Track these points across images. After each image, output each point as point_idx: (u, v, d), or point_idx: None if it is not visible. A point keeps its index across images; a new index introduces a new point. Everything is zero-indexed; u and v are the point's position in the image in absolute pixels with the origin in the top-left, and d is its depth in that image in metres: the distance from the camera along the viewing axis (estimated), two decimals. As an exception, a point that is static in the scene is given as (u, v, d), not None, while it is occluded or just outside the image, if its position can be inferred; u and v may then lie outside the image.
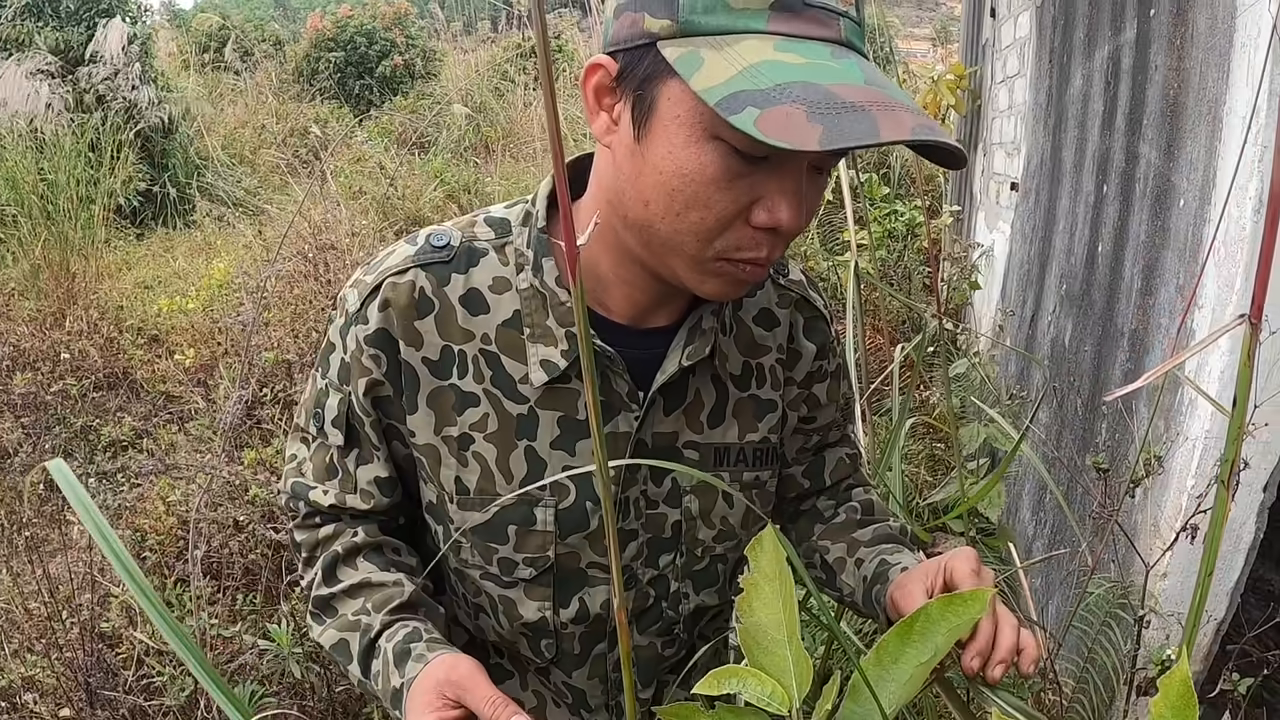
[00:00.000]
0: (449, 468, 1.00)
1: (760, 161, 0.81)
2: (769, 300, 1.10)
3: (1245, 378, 0.66)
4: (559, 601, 1.05)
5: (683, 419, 1.04)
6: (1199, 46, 1.95)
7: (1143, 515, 2.06)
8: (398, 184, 6.95)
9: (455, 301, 0.97)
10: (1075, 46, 2.94)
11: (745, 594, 0.82)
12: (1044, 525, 2.77)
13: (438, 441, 0.99)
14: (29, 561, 2.91)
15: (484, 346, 0.97)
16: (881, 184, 4.76)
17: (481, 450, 0.99)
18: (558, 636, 1.08)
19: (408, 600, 0.99)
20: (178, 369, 4.78)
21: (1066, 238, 2.88)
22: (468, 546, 1.03)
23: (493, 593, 1.05)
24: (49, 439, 4.42)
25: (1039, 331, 3.11)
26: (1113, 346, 2.34)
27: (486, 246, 0.99)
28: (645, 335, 1.00)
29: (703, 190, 0.82)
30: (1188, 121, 1.99)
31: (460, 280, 0.97)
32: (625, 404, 0.99)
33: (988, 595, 0.77)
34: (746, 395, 1.08)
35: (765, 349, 1.09)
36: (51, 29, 9.54)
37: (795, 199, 0.83)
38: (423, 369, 0.97)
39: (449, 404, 0.98)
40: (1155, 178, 2.15)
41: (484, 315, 0.97)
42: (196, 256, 6.99)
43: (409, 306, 0.96)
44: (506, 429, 0.98)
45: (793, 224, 0.83)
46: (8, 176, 6.54)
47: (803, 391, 1.14)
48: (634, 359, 0.99)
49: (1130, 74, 2.39)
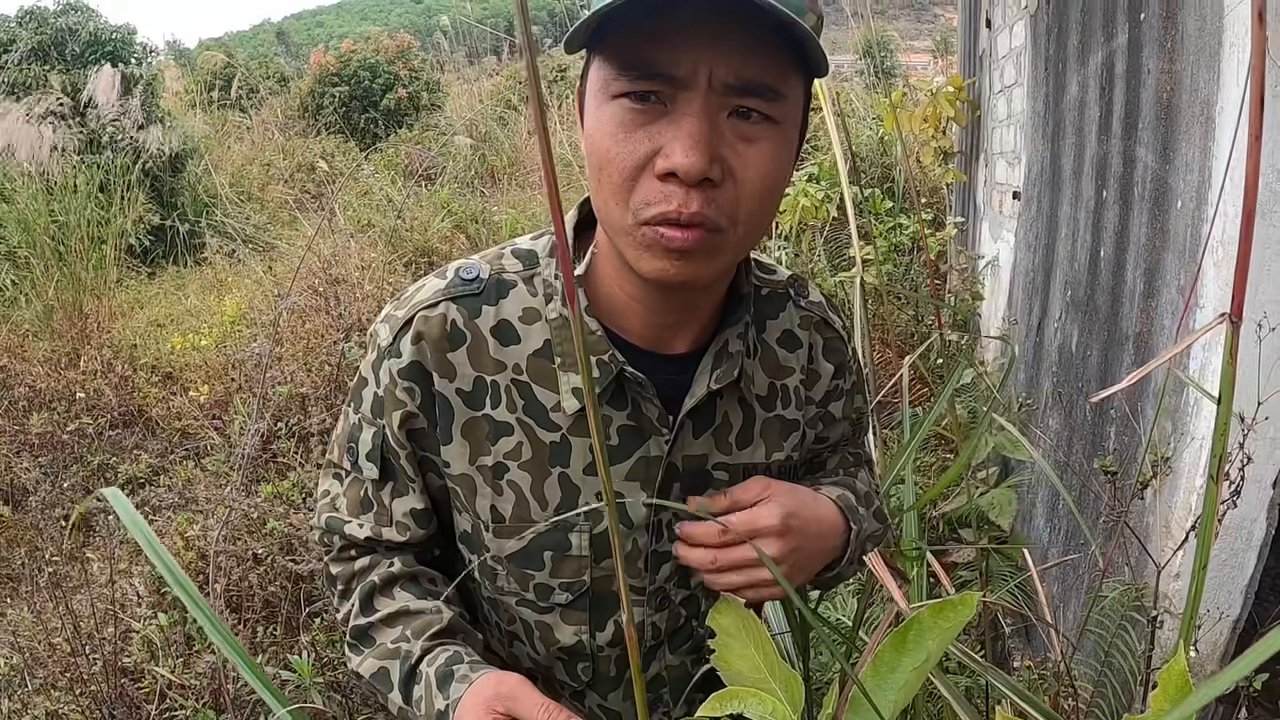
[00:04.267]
0: (484, 497, 1.01)
1: (657, 109, 0.84)
2: (791, 322, 1.12)
3: (1228, 375, 0.68)
4: (595, 624, 1.07)
5: (712, 441, 1.05)
6: (1189, 49, 1.97)
7: (1154, 516, 2.06)
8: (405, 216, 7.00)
9: (486, 333, 0.99)
10: (1069, 54, 2.96)
11: (718, 653, 0.88)
12: (1058, 531, 2.77)
13: (473, 471, 1.01)
14: (51, 598, 2.93)
15: (516, 376, 0.99)
16: (885, 198, 4.78)
17: (516, 478, 1.00)
18: (594, 659, 1.09)
19: (446, 626, 1.00)
20: (192, 405, 4.82)
21: (1069, 244, 2.89)
22: (504, 573, 1.04)
23: (529, 619, 1.07)
24: (67, 478, 4.46)
25: (1046, 338, 3.12)
26: (1118, 350, 2.35)
27: (515, 278, 1.01)
28: (669, 361, 1.02)
29: (609, 147, 0.85)
30: (1181, 123, 2.01)
31: (490, 312, 0.99)
32: (656, 428, 1.01)
33: (975, 600, 0.79)
34: (773, 415, 1.10)
35: (789, 370, 1.11)
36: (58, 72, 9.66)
37: (688, 140, 0.82)
38: (456, 400, 0.99)
39: (483, 434, 0.99)
40: (1153, 181, 2.17)
41: (515, 346, 0.99)
42: (208, 294, 7.05)
43: (441, 339, 0.98)
44: (540, 457, 1.00)
45: (685, 165, 0.82)
46: (19, 219, 6.62)
47: (820, 410, 1.16)
48: (662, 384, 1.00)
49: (1124, 78, 2.41)
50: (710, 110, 0.83)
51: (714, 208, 0.85)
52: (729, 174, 0.85)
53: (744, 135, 0.85)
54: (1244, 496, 1.77)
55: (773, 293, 1.12)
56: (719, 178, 0.84)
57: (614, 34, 0.83)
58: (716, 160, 0.83)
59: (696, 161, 0.81)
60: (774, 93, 0.84)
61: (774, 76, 0.84)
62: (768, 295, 1.11)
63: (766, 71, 0.83)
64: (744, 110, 0.84)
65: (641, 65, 0.83)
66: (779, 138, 0.87)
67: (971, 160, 4.78)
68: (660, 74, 0.82)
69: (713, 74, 0.82)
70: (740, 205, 0.86)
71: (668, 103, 0.83)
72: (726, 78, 0.82)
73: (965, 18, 4.98)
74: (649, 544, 1.04)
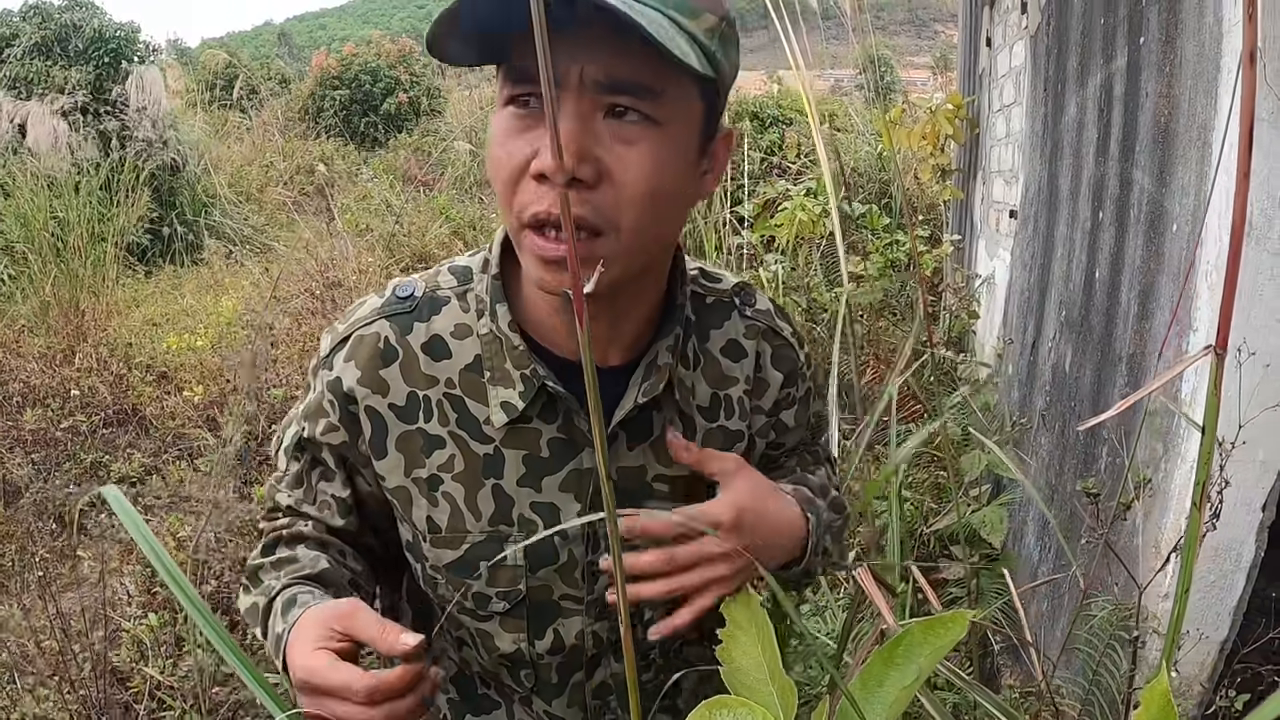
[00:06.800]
0: (420, 508, 1.03)
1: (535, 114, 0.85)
2: (736, 332, 1.11)
3: (1213, 405, 0.69)
4: (534, 633, 1.08)
5: (649, 453, 1.06)
6: (1187, 73, 1.98)
7: (1143, 537, 2.07)
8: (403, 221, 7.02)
9: (418, 349, 1.01)
10: (1069, 75, 2.98)
11: (725, 644, 0.86)
12: (1049, 550, 2.78)
13: (408, 483, 1.03)
14: (41, 597, 2.93)
15: (448, 390, 1.01)
16: (883, 214, 4.80)
17: (450, 490, 1.02)
18: (535, 667, 1.11)
19: (316, 573, 1.00)
20: (187, 406, 4.82)
21: (1065, 264, 2.90)
22: (443, 582, 1.06)
23: (470, 626, 1.09)
24: (59, 475, 4.45)
25: (1040, 358, 3.13)
26: (1111, 371, 2.36)
27: (449, 294, 1.03)
28: (602, 374, 1.01)
29: (495, 152, 0.87)
30: (1179, 147, 2.02)
31: (422, 328, 1.01)
32: (588, 440, 1.01)
33: (966, 619, 0.79)
34: (715, 426, 1.10)
35: (733, 380, 1.11)
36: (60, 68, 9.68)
37: None
38: (390, 415, 1.01)
39: (417, 447, 1.02)
40: (1149, 203, 2.18)
41: (446, 360, 1.01)
42: (204, 294, 7.05)
43: (374, 356, 1.00)
44: (473, 469, 1.02)
45: (551, 165, 0.81)
46: (18, 214, 6.62)
47: (771, 419, 1.16)
48: None
49: (1122, 101, 2.42)
50: (582, 110, 0.83)
51: (588, 209, 0.84)
52: (606, 176, 0.84)
53: (622, 136, 0.85)
54: (1233, 519, 1.78)
55: (717, 301, 1.12)
56: (591, 178, 0.84)
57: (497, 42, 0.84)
58: (589, 160, 0.83)
59: (567, 164, 0.81)
60: (649, 91, 0.84)
61: (649, 76, 0.83)
62: (711, 304, 1.12)
63: (641, 70, 0.83)
64: (619, 109, 0.84)
65: (518, 69, 0.85)
66: (662, 139, 0.86)
67: (969, 178, 4.80)
68: (534, 76, 0.83)
69: (584, 73, 0.82)
70: (621, 209, 0.85)
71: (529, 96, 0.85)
72: (598, 76, 0.82)
73: (965, 36, 5.01)
74: (585, 555, 1.05)
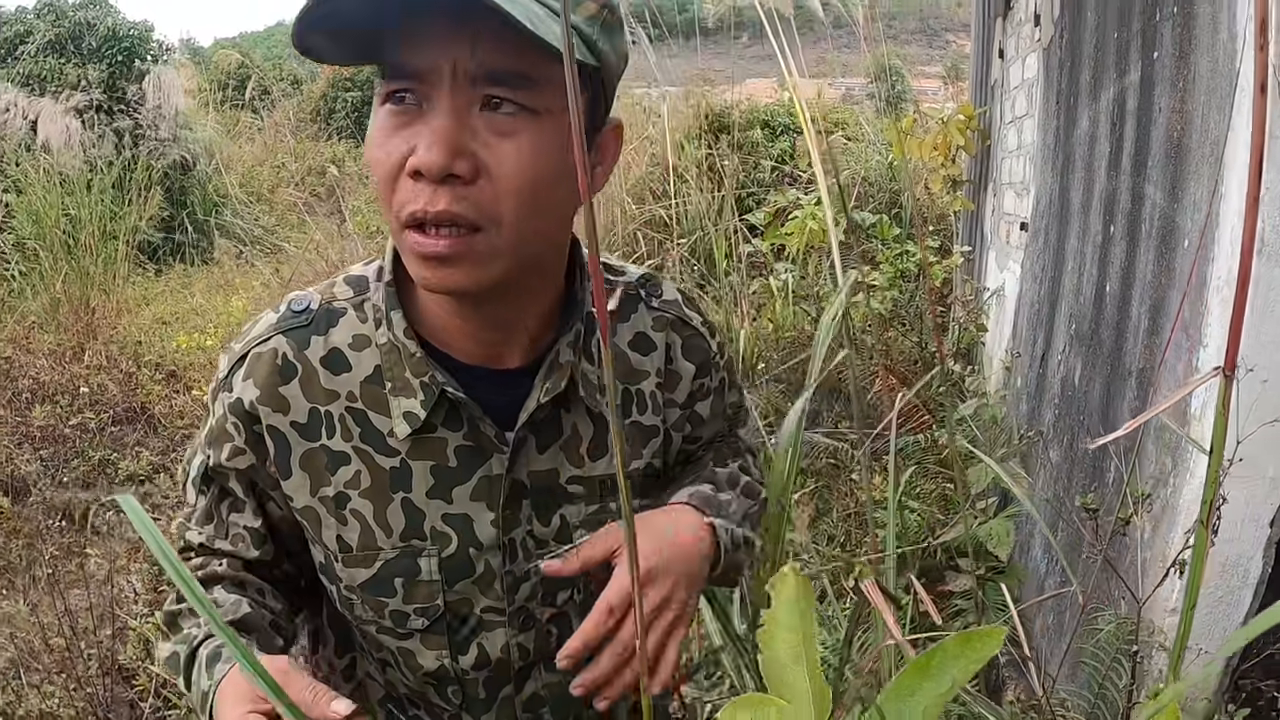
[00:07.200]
0: (329, 528, 1.00)
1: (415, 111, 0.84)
2: (644, 324, 1.09)
3: (1220, 426, 0.69)
4: (456, 649, 1.04)
5: (561, 455, 1.03)
6: (1201, 89, 1.99)
7: (1151, 552, 2.07)
8: (414, 222, 7.01)
9: (316, 363, 0.98)
10: (1081, 88, 2.98)
11: (765, 627, 0.82)
12: (1055, 563, 2.78)
13: (315, 503, 0.99)
14: (48, 594, 2.94)
15: (350, 404, 0.98)
16: (893, 225, 4.80)
17: (359, 507, 0.99)
18: (461, 683, 1.07)
19: (237, 619, 0.95)
20: (195, 405, 4.83)
21: (1075, 277, 2.90)
22: (359, 602, 1.02)
23: (391, 645, 1.05)
24: (67, 472, 4.47)
25: (1049, 371, 3.13)
26: (1121, 385, 2.36)
27: (345, 306, 1.00)
28: (503, 376, 1.00)
29: (374, 152, 0.86)
30: (1191, 163, 2.02)
31: (320, 342, 0.98)
32: (496, 446, 0.99)
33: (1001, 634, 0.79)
34: (628, 423, 1.08)
35: (644, 374, 1.08)
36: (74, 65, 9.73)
37: (430, 136, 0.81)
38: (292, 433, 0.97)
39: (322, 464, 0.98)
40: (1160, 219, 2.18)
41: (346, 374, 0.98)
42: (214, 294, 7.08)
43: (272, 374, 0.97)
44: (380, 483, 0.98)
45: (426, 161, 0.81)
46: (30, 211, 6.64)
47: (685, 411, 1.13)
48: (500, 401, 0.99)
49: (1135, 116, 2.43)
50: (457, 105, 0.82)
51: (466, 205, 0.83)
52: (483, 170, 0.83)
53: (498, 129, 0.83)
54: (1241, 535, 1.78)
55: (622, 294, 1.09)
56: (467, 174, 0.82)
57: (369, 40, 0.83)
58: (464, 156, 0.82)
59: (436, 157, 0.80)
60: (525, 80, 0.82)
61: (525, 65, 0.81)
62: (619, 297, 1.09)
63: (517, 59, 0.81)
64: (495, 101, 0.83)
65: (392, 66, 0.83)
66: (541, 129, 0.84)
67: (980, 189, 4.80)
68: (408, 72, 0.82)
69: (456, 66, 0.81)
70: (499, 203, 0.84)
71: (423, 103, 0.83)
72: (470, 68, 0.81)
73: (978, 47, 5.01)
74: (503, 565, 1.02)
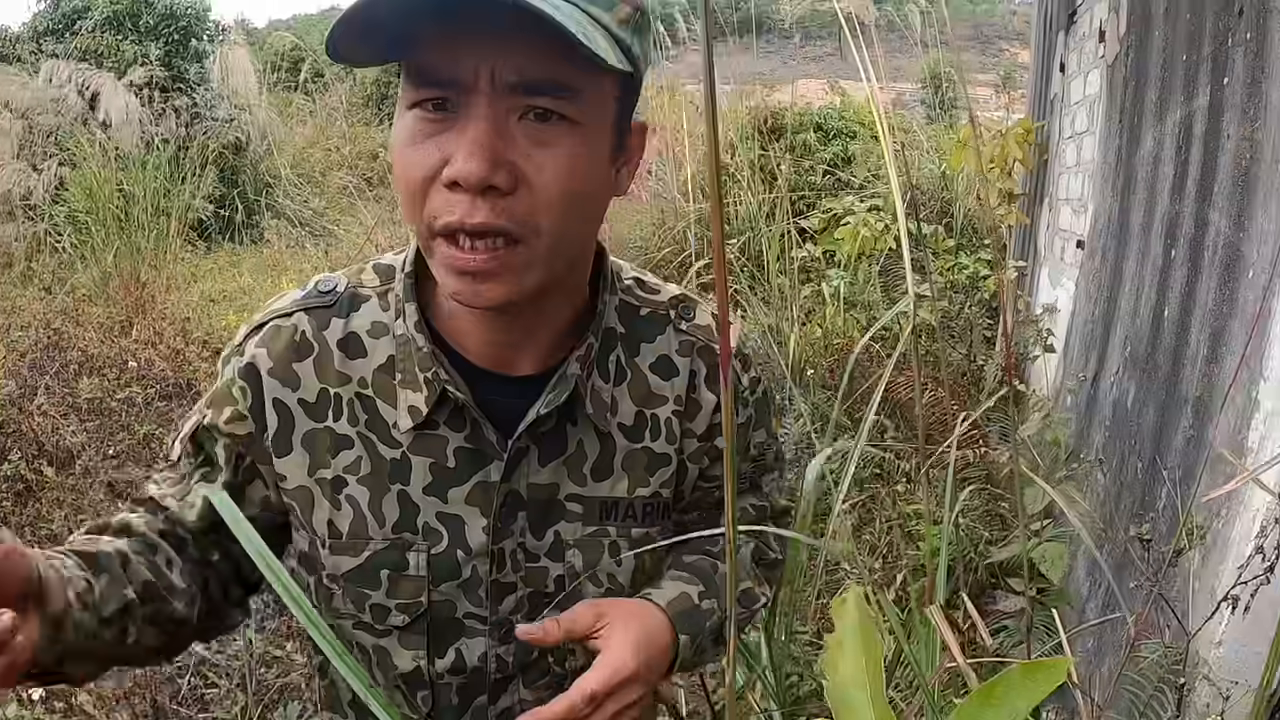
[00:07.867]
0: (321, 510, 0.98)
1: (449, 118, 0.81)
2: (669, 347, 1.05)
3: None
4: (434, 651, 1.02)
5: (563, 470, 1.01)
6: (1273, 118, 1.96)
7: (1200, 582, 2.05)
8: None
9: (333, 345, 0.97)
10: (1146, 108, 2.95)
11: (829, 652, 0.81)
12: (1098, 586, 2.75)
13: (311, 483, 0.98)
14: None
15: (360, 390, 0.97)
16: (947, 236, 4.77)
17: (354, 493, 0.98)
18: (434, 688, 1.04)
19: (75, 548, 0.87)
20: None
21: (1132, 299, 2.87)
22: (340, 594, 1.00)
23: (366, 643, 1.03)
24: (112, 444, 4.52)
25: (1100, 392, 3.10)
26: (1176, 412, 2.34)
27: (370, 292, 1.00)
28: (513, 382, 0.98)
29: (403, 157, 0.83)
30: (1259, 193, 2.00)
31: (340, 325, 0.98)
32: (495, 451, 0.97)
33: (1066, 665, 0.78)
34: (639, 448, 1.03)
35: (662, 399, 1.04)
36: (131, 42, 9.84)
37: (470, 146, 0.79)
38: (298, 410, 0.97)
39: (324, 446, 0.97)
40: (1225, 246, 2.16)
41: (361, 359, 0.97)
42: (263, 274, 7.13)
43: (288, 348, 0.96)
44: (379, 473, 0.97)
45: (465, 171, 0.79)
46: (85, 185, 6.72)
47: (704, 444, 1.08)
48: (505, 406, 0.97)
49: (1202, 140, 2.40)
50: (496, 114, 0.80)
51: (506, 217, 0.81)
52: (523, 181, 0.81)
53: (538, 139, 0.81)
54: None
55: (653, 314, 1.06)
56: (507, 185, 0.80)
57: (401, 42, 0.80)
58: (503, 166, 0.80)
59: (476, 168, 0.78)
60: (567, 89, 0.80)
61: (566, 73, 0.80)
62: (647, 316, 1.05)
63: (556, 68, 0.79)
64: (537, 111, 0.81)
65: (425, 71, 0.81)
66: (581, 139, 0.83)
67: (1034, 203, 4.75)
68: (442, 79, 0.80)
69: (495, 75, 0.79)
70: (539, 214, 0.82)
71: (457, 110, 0.81)
72: (510, 77, 0.79)
73: (1038, 59, 4.96)
74: (490, 573, 1.00)
